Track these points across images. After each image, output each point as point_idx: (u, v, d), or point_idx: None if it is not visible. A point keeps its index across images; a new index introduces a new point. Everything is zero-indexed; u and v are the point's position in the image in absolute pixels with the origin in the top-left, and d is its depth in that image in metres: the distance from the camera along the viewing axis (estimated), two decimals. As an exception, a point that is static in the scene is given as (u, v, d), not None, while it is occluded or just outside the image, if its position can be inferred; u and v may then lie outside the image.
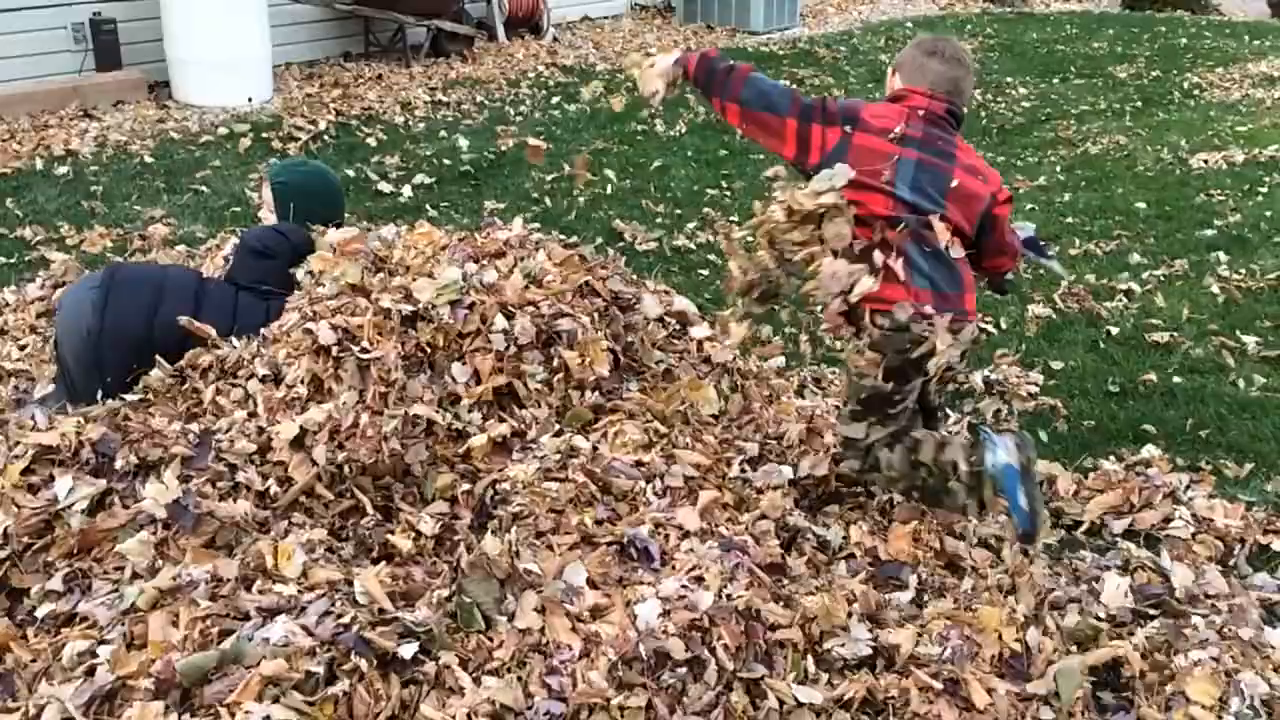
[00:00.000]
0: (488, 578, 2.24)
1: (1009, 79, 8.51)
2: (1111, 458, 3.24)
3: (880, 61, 9.06)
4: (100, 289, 2.87)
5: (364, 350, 2.67)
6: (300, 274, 3.02)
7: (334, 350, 2.67)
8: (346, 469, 2.52)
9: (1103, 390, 3.69)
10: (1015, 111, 7.61)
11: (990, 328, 4.13)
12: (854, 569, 2.54)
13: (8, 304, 3.71)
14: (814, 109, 2.66)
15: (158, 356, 2.76)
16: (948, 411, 2.75)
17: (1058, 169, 6.28)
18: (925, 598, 2.48)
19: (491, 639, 2.14)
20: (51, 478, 2.42)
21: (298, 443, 2.53)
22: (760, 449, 2.92)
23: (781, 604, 2.32)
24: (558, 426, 2.73)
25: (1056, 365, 3.83)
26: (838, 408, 2.96)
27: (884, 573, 2.54)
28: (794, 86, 2.33)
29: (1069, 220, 5.39)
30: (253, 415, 2.62)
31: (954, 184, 2.60)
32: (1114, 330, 4.14)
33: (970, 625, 2.35)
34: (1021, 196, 5.76)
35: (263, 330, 2.83)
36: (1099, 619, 2.46)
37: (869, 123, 2.63)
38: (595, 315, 2.96)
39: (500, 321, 2.77)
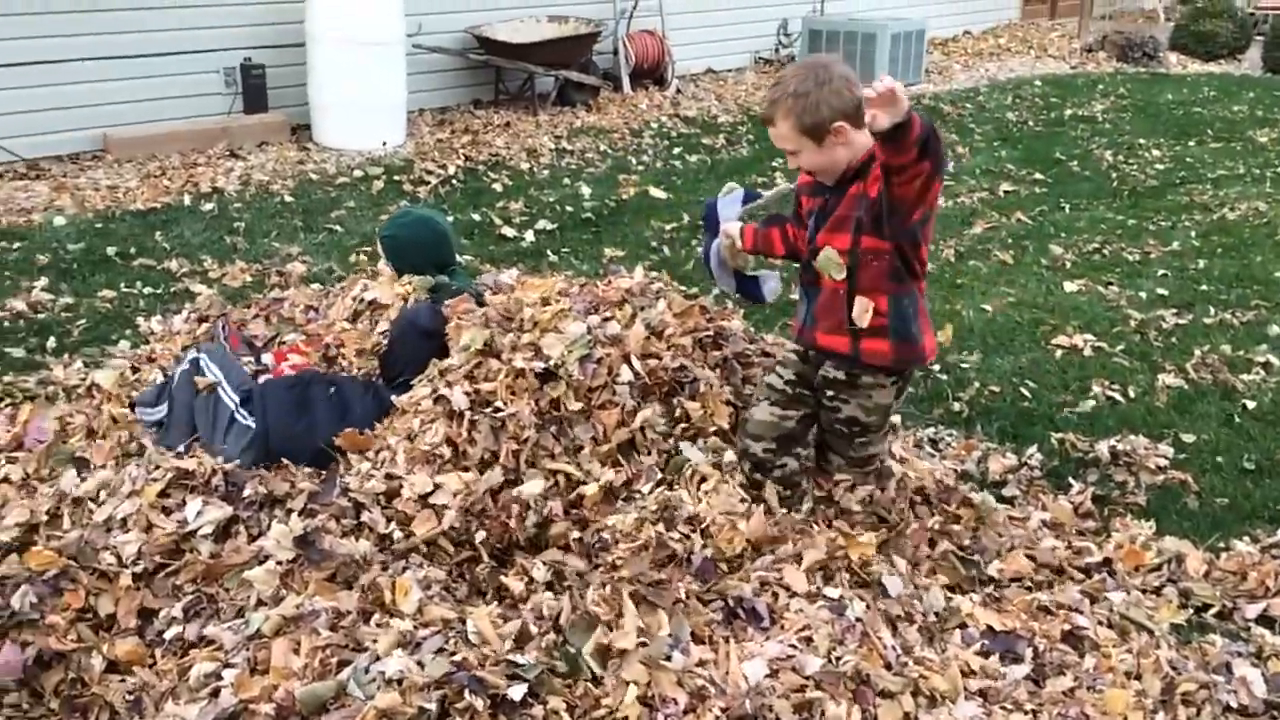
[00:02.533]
0: (591, 628, 2.25)
1: (1142, 140, 8.29)
2: (1246, 538, 3.10)
3: (1007, 120, 8.93)
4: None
5: (496, 410, 2.70)
6: None
7: (468, 415, 2.69)
8: (472, 531, 2.56)
9: (1237, 467, 3.53)
10: (1148, 174, 7.40)
11: (1118, 396, 4.01)
12: (968, 639, 2.48)
13: (154, 333, 3.90)
14: None
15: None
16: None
17: (1192, 234, 6.08)
18: (1043, 674, 2.40)
19: (598, 688, 2.15)
20: (184, 502, 2.54)
21: (426, 498, 2.57)
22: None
23: (892, 671, 2.28)
24: (659, 475, 2.73)
25: (1188, 438, 3.69)
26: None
27: (999, 645, 2.46)
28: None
29: (1204, 288, 5.20)
30: (380, 465, 2.69)
31: None
32: (1250, 404, 3.97)
33: (1093, 706, 2.26)
34: (1153, 261, 5.59)
35: (393, 399, 2.87)
36: (1230, 709, 2.35)
37: None
38: (717, 368, 2.97)
39: (625, 373, 2.79)
